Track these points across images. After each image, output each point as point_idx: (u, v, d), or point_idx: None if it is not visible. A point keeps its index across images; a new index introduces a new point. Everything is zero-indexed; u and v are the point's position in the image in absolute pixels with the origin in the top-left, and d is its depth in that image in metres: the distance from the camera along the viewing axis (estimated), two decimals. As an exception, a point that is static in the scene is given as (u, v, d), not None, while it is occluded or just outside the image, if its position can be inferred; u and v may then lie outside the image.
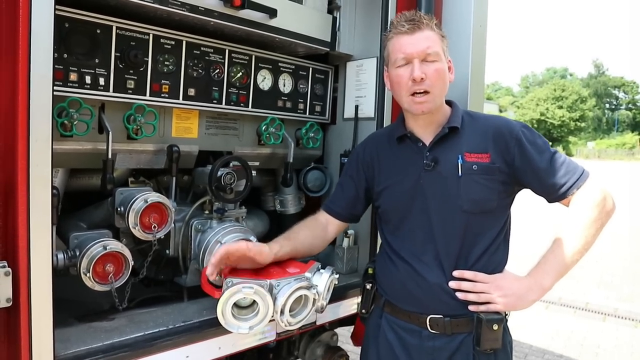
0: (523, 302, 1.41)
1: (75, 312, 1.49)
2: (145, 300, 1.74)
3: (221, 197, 1.73)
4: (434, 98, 1.44)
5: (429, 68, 1.42)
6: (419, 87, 1.42)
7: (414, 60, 1.42)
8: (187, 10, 1.55)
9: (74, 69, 1.41)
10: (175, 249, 1.76)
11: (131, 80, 1.55)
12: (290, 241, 1.56)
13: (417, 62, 1.41)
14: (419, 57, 1.42)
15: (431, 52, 1.42)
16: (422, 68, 1.41)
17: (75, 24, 1.40)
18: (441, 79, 1.44)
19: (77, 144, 1.49)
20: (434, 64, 1.42)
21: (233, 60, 1.81)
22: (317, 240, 1.66)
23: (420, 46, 1.41)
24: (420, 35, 1.42)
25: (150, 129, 1.61)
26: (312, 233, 1.64)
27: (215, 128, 1.87)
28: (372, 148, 1.66)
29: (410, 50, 1.42)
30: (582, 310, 5.27)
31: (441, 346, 1.45)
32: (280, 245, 1.52)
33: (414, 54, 1.42)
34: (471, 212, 1.44)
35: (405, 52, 1.43)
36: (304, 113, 2.11)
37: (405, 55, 1.43)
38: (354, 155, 1.74)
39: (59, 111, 1.39)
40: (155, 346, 1.32)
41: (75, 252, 1.43)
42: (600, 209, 1.41)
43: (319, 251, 1.73)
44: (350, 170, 1.70)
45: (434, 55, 1.42)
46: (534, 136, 1.48)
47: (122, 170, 1.71)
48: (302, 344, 2.11)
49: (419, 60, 1.42)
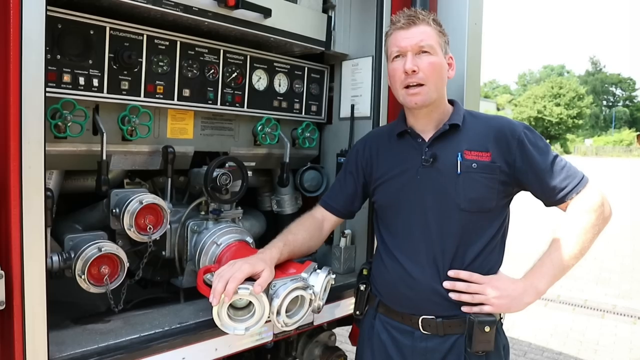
0: (517, 304, 1.40)
1: (71, 315, 1.48)
2: (142, 301, 1.74)
3: (217, 198, 1.72)
4: (428, 91, 1.44)
5: (423, 61, 1.43)
6: (412, 79, 1.43)
7: (408, 54, 1.43)
8: (180, 11, 1.55)
9: (68, 70, 1.40)
10: (171, 250, 1.75)
11: (125, 81, 1.54)
12: (288, 246, 1.54)
13: (410, 55, 1.43)
14: (413, 50, 1.43)
15: (424, 45, 1.42)
16: (414, 61, 1.42)
17: (68, 25, 1.39)
18: (436, 71, 1.44)
19: (72, 145, 1.48)
20: (428, 57, 1.43)
21: (228, 61, 1.80)
22: (314, 240, 1.65)
23: (414, 40, 1.43)
24: (415, 30, 1.43)
25: (145, 130, 1.61)
26: (310, 234, 1.63)
27: (210, 129, 1.86)
28: (372, 144, 1.66)
29: (404, 44, 1.44)
30: (581, 307, 5.28)
31: (434, 347, 1.44)
32: (280, 252, 1.49)
33: (408, 47, 1.43)
34: (469, 210, 1.43)
35: (399, 45, 1.45)
36: (300, 113, 2.11)
37: (399, 48, 1.45)
38: (353, 152, 1.74)
39: (52, 113, 1.38)
40: (150, 348, 1.32)
41: (71, 254, 1.43)
42: (598, 215, 1.40)
43: (315, 250, 1.72)
44: (350, 167, 1.70)
45: (428, 48, 1.43)
46: (536, 138, 1.47)
47: (117, 171, 1.70)
48: (300, 345, 2.11)
49: (412, 54, 1.43)
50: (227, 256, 1.60)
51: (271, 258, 1.44)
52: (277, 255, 1.47)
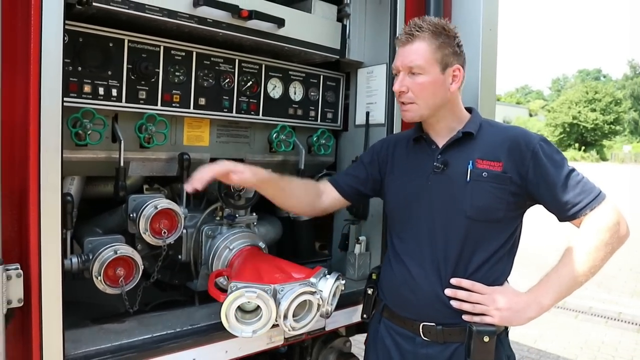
0: (519, 318, 1.37)
1: (92, 315, 1.55)
2: (159, 304, 1.80)
3: (231, 203, 1.76)
4: (418, 109, 1.46)
5: (413, 81, 1.44)
6: (400, 99, 1.48)
7: (400, 73, 1.46)
8: (195, 23, 1.60)
9: (88, 81, 1.48)
10: (187, 254, 1.81)
11: (143, 90, 1.60)
12: (280, 180, 1.59)
13: (401, 75, 1.46)
14: (404, 69, 1.45)
15: (414, 66, 1.43)
16: (405, 81, 1.45)
17: (89, 39, 1.47)
18: (425, 90, 1.44)
19: (91, 152, 1.55)
20: (418, 77, 1.43)
21: (243, 70, 1.85)
22: (305, 197, 1.66)
23: (405, 60, 1.44)
24: (409, 48, 1.44)
25: (162, 138, 1.67)
26: (305, 191, 1.66)
27: (226, 136, 1.91)
28: (390, 145, 1.67)
29: (397, 63, 1.47)
30: (615, 321, 5.07)
31: (434, 354, 1.43)
32: (270, 176, 1.55)
33: (399, 67, 1.46)
34: (475, 219, 1.42)
35: (395, 63, 1.49)
36: (315, 120, 2.14)
37: (395, 66, 1.49)
38: (371, 149, 1.77)
39: (73, 121, 1.46)
40: (161, 348, 1.37)
41: (89, 256, 1.49)
42: (612, 234, 1.35)
43: (301, 209, 1.76)
44: (366, 159, 1.72)
45: (417, 69, 1.43)
46: (552, 151, 1.43)
47: (135, 177, 1.77)
48: (314, 350, 2.11)
49: (404, 73, 1.45)
50: (239, 261, 1.64)
51: (259, 170, 1.50)
52: (267, 175, 1.53)
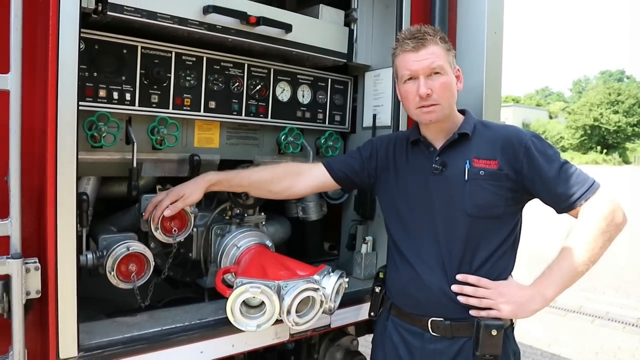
0: (525, 310, 1.41)
1: (105, 310, 1.63)
2: (170, 301, 1.87)
3: (239, 203, 1.82)
4: (442, 109, 1.49)
5: (435, 82, 1.46)
6: (426, 102, 1.47)
7: (420, 77, 1.46)
8: (205, 29, 1.67)
9: (103, 86, 1.56)
10: (197, 252, 1.88)
11: (155, 94, 1.68)
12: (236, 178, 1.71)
13: (422, 79, 1.46)
14: (425, 73, 1.46)
15: (436, 66, 1.46)
16: (427, 84, 1.46)
17: (104, 45, 1.55)
18: (448, 90, 1.49)
19: (106, 154, 1.63)
20: (439, 77, 1.46)
21: (252, 74, 1.92)
22: (276, 183, 1.71)
23: (425, 62, 1.46)
24: (424, 52, 1.46)
25: (173, 140, 1.73)
26: (274, 176, 1.72)
27: (236, 138, 1.97)
28: (390, 145, 1.70)
29: (415, 67, 1.47)
30: (632, 326, 4.98)
31: (442, 349, 1.47)
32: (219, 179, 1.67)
33: (419, 70, 1.46)
34: (476, 216, 1.46)
35: (410, 69, 1.48)
36: (324, 123, 2.19)
37: (411, 72, 1.48)
38: (370, 143, 1.77)
39: (89, 124, 1.54)
40: (170, 341, 1.43)
41: (103, 252, 1.56)
42: (609, 222, 1.39)
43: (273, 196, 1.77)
44: (365, 153, 1.74)
45: (439, 69, 1.46)
46: (544, 146, 1.48)
47: (148, 178, 1.84)
48: (322, 348, 2.16)
49: (424, 77, 1.46)
50: (246, 258, 1.70)
51: (208, 180, 1.65)
52: (215, 179, 1.66)
